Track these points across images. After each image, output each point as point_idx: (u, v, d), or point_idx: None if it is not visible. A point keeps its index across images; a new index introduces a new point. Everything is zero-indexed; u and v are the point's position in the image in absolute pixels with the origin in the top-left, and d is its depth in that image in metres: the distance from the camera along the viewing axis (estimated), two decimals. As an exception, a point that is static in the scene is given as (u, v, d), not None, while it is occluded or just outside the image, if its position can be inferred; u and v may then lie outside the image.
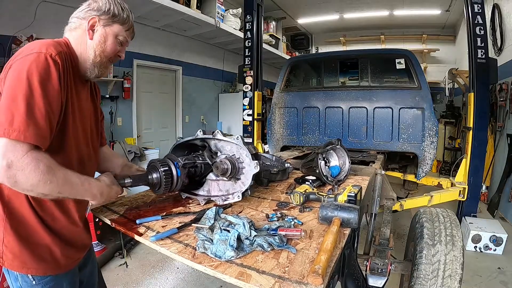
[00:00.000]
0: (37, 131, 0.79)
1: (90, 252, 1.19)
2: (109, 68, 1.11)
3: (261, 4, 4.27)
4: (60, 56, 0.88)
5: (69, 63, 0.93)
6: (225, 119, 6.99)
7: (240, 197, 1.20)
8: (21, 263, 0.90)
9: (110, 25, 1.01)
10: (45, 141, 0.82)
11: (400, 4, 6.78)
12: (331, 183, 1.57)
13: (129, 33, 1.08)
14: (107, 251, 2.79)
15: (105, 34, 1.01)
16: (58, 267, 0.96)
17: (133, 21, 1.09)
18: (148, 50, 5.05)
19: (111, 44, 1.02)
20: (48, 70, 0.83)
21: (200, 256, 0.85)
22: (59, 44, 0.93)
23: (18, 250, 0.89)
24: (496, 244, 2.98)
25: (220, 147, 1.32)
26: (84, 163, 1.04)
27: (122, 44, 1.06)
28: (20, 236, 0.89)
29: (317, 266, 0.70)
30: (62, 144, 0.93)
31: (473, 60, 3.13)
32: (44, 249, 0.93)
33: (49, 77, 0.83)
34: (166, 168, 1.15)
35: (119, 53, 1.07)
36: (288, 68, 3.76)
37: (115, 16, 1.01)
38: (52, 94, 0.83)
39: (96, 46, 1.00)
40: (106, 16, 0.99)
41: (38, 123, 0.79)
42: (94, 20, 0.98)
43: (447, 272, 1.41)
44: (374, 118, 3.22)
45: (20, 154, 0.76)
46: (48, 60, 0.84)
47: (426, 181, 3.55)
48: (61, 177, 0.83)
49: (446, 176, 5.07)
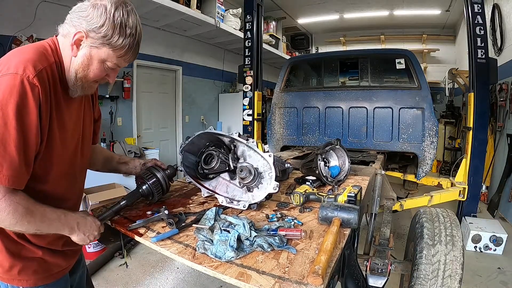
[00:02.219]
0: (12, 172, 0.74)
1: (80, 256, 1.17)
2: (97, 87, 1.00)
3: (261, 4, 4.27)
4: (40, 78, 0.76)
5: (53, 79, 0.82)
6: (225, 119, 6.98)
7: (245, 207, 1.19)
8: (12, 276, 0.88)
9: (97, 47, 0.82)
10: (22, 181, 0.78)
11: (400, 4, 6.78)
12: (331, 183, 1.57)
13: (123, 60, 0.88)
14: (107, 251, 2.79)
15: (90, 56, 0.84)
16: (49, 276, 0.95)
17: (136, 43, 0.87)
18: (148, 50, 5.05)
19: (95, 69, 0.86)
20: (24, 97, 0.73)
21: (200, 256, 0.85)
22: (43, 55, 0.81)
23: (8, 265, 0.87)
24: (496, 244, 2.98)
25: (247, 155, 1.29)
26: (75, 177, 1.01)
27: (112, 69, 0.89)
28: (10, 252, 0.87)
29: (317, 266, 0.70)
30: (50, 164, 0.87)
31: (473, 60, 3.13)
32: (35, 262, 0.91)
33: (25, 106, 0.74)
34: (154, 179, 1.20)
35: (106, 77, 0.91)
36: (288, 68, 3.76)
37: (106, 37, 0.81)
38: (29, 125, 0.75)
39: (78, 68, 0.85)
40: (95, 34, 0.81)
41: (13, 162, 0.73)
42: (80, 35, 0.81)
43: (447, 272, 1.41)
44: (374, 118, 3.22)
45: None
46: (25, 85, 0.73)
47: (426, 181, 3.55)
48: (38, 217, 0.81)
49: (446, 176, 5.07)
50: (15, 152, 0.73)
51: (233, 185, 1.30)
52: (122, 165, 1.30)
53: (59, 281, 0.99)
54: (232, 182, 1.29)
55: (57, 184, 0.92)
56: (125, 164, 1.30)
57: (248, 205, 1.19)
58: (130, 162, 1.31)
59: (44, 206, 0.83)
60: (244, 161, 1.28)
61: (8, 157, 0.73)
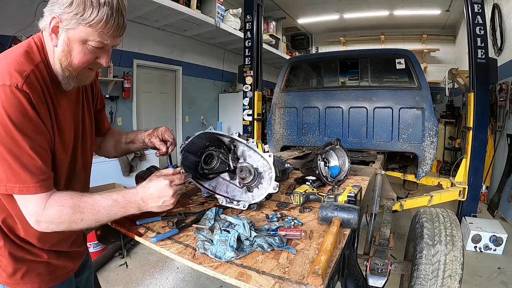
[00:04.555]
0: (36, 179, 0.74)
1: (86, 257, 1.15)
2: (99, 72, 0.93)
3: (261, 4, 4.26)
4: (29, 82, 0.72)
5: (43, 79, 0.78)
6: (225, 119, 6.99)
7: (245, 207, 1.19)
8: (15, 281, 0.86)
9: (73, 29, 0.75)
10: (50, 182, 0.78)
11: (400, 4, 6.78)
12: (331, 183, 1.57)
13: (106, 35, 0.77)
14: (107, 251, 2.79)
15: (68, 41, 0.76)
16: (54, 279, 0.93)
17: (116, 10, 0.76)
18: (148, 50, 5.05)
19: (78, 54, 0.78)
20: (20, 106, 0.70)
21: (200, 256, 0.85)
22: (27, 56, 0.77)
23: (12, 270, 0.85)
24: (496, 244, 2.98)
25: (247, 155, 1.29)
26: (75, 175, 0.97)
27: (100, 49, 0.80)
28: (14, 257, 0.85)
29: (317, 266, 0.70)
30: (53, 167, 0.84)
31: (473, 60, 3.13)
32: (40, 265, 0.89)
33: (24, 115, 0.71)
34: None
35: (97, 59, 0.82)
36: (288, 68, 3.76)
37: (78, 14, 0.73)
38: (34, 132, 0.74)
39: (60, 57, 0.78)
40: (67, 15, 0.73)
41: (35, 170, 0.74)
42: (55, 22, 0.75)
43: (447, 272, 1.41)
44: (374, 118, 3.22)
45: (40, 209, 0.75)
46: (17, 94, 0.70)
47: (426, 181, 3.55)
48: (89, 210, 0.80)
49: (446, 176, 5.07)
50: (32, 162, 0.73)
51: (233, 185, 1.30)
52: (130, 144, 1.21)
53: (64, 283, 0.97)
54: (232, 182, 1.29)
55: (58, 184, 0.90)
56: (132, 143, 1.21)
57: (248, 205, 1.19)
58: (136, 138, 1.20)
59: (94, 196, 0.82)
60: (244, 161, 1.27)
61: (29, 168, 0.73)
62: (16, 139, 0.70)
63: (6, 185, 0.72)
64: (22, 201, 0.76)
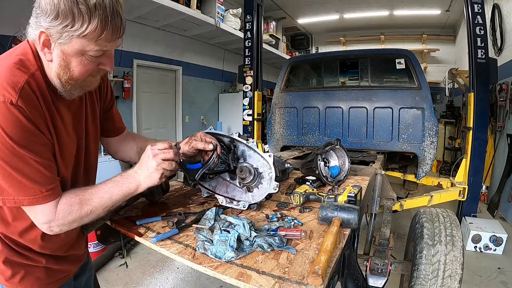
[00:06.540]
0: (47, 187, 0.74)
1: (86, 260, 1.14)
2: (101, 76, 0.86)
3: (261, 4, 4.27)
4: (23, 95, 0.68)
5: (39, 89, 0.73)
6: (225, 119, 6.99)
7: (245, 207, 1.19)
8: (13, 285, 0.85)
9: (66, 42, 0.68)
10: (59, 188, 0.79)
11: (400, 4, 6.78)
12: (331, 183, 1.57)
13: (105, 40, 0.70)
14: (107, 251, 2.79)
15: (64, 55, 0.70)
16: (52, 283, 0.93)
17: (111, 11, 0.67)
18: (148, 50, 5.05)
19: (78, 66, 0.72)
20: (18, 122, 0.67)
21: (200, 256, 0.85)
22: (21, 65, 0.71)
23: (10, 274, 0.84)
24: (496, 244, 2.98)
25: (247, 155, 1.29)
26: (79, 182, 0.94)
27: (101, 56, 0.74)
28: (13, 262, 0.85)
29: (317, 266, 0.70)
30: None
31: (473, 60, 3.13)
32: (38, 269, 0.89)
33: (24, 129, 0.68)
34: None
35: (100, 66, 0.77)
36: (288, 68, 3.76)
37: (68, 27, 0.65)
38: (36, 143, 0.72)
39: (58, 72, 0.73)
40: (55, 28, 0.66)
41: (45, 180, 0.74)
42: (45, 36, 0.68)
43: (447, 272, 1.41)
44: (374, 118, 3.22)
45: (52, 216, 0.77)
46: (12, 111, 0.66)
47: (426, 181, 3.55)
48: (96, 200, 0.82)
49: (446, 176, 5.07)
50: (39, 175, 0.73)
51: (233, 185, 1.30)
52: None
53: (63, 287, 0.97)
54: (232, 182, 1.29)
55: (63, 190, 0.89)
56: None
57: (248, 205, 1.19)
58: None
59: (97, 186, 0.84)
60: (244, 161, 1.27)
61: (37, 180, 0.73)
62: (20, 155, 0.69)
63: (15, 198, 0.73)
64: (33, 212, 0.77)
